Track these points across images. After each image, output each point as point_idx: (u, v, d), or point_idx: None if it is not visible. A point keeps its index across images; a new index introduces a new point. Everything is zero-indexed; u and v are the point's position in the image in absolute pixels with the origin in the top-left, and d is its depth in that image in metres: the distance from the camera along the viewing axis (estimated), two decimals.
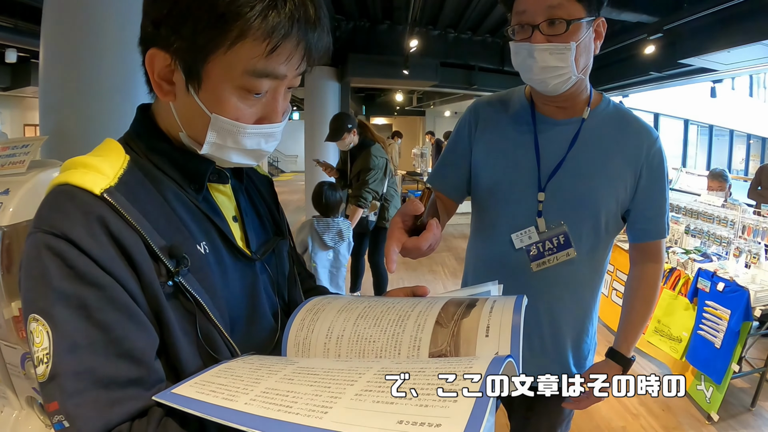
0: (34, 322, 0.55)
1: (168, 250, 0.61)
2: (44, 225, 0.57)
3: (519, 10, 1.09)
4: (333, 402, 0.42)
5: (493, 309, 0.61)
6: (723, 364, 2.82)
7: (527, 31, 1.08)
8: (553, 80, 1.11)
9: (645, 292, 1.30)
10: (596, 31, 1.13)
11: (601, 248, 1.25)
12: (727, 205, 3.48)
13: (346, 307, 0.68)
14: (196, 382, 0.52)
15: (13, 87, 10.06)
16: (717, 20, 4.61)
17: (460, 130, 1.34)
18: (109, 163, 0.63)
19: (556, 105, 1.21)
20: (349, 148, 3.83)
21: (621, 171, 1.19)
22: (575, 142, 1.20)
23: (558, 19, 1.05)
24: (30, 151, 1.22)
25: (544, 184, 1.20)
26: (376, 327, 0.62)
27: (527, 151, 1.22)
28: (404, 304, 0.67)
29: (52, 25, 1.86)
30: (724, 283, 2.92)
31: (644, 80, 6.92)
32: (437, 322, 0.60)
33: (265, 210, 0.88)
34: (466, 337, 0.57)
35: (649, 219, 1.24)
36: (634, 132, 1.22)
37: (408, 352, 0.58)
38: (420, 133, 18.13)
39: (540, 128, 1.23)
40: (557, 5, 1.05)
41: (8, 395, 1.34)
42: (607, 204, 1.19)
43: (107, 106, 1.75)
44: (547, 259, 1.22)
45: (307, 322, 0.66)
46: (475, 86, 8.40)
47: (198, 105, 0.64)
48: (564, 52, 1.07)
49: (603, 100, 1.24)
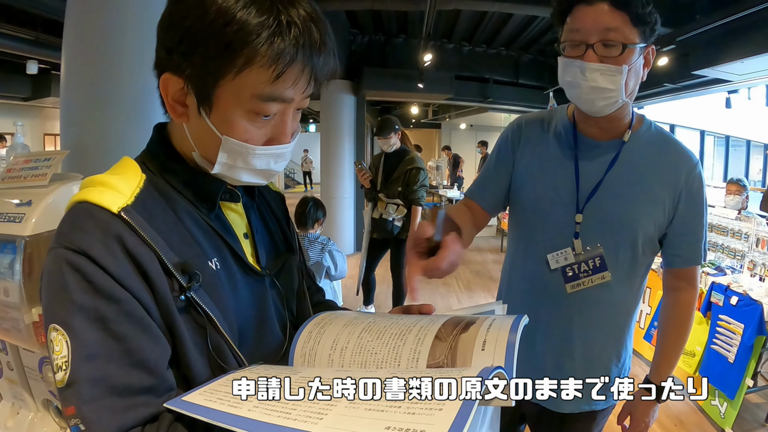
0: (54, 331, 0.58)
1: (181, 266, 0.64)
2: (65, 241, 0.60)
3: (573, 28, 1.09)
4: (329, 409, 0.46)
5: (492, 326, 0.63)
6: (737, 379, 2.78)
7: (580, 48, 1.08)
8: (600, 101, 1.11)
9: (678, 320, 1.28)
10: (645, 58, 1.13)
11: (638, 272, 1.24)
12: (741, 217, 3.45)
13: (352, 321, 0.71)
14: (204, 391, 0.55)
15: (33, 98, 10.27)
16: (729, 31, 4.58)
17: (502, 144, 1.35)
18: (126, 182, 0.66)
19: (598, 126, 1.21)
20: (391, 150, 3.98)
21: (660, 195, 1.18)
22: (614, 164, 1.20)
23: (613, 42, 1.06)
24: (52, 164, 1.26)
25: (582, 206, 1.20)
26: (378, 340, 0.65)
27: (567, 171, 1.22)
28: (407, 320, 0.70)
29: (73, 39, 1.92)
30: (737, 296, 2.89)
31: (659, 92, 6.89)
32: (437, 336, 0.63)
33: (276, 226, 0.90)
34: (463, 350, 0.60)
35: (687, 244, 1.22)
36: (675, 156, 1.21)
37: (407, 364, 0.61)
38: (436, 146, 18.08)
39: (581, 149, 1.23)
40: (614, 28, 1.05)
41: (25, 397, 1.37)
42: (645, 227, 1.19)
43: (127, 122, 1.79)
44: (582, 281, 1.21)
45: (314, 335, 0.69)
46: (489, 99, 8.40)
47: (209, 127, 0.67)
48: (615, 75, 1.07)
49: (644, 123, 1.24)
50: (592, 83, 1.08)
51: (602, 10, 1.05)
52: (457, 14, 6.40)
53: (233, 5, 0.60)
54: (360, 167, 4.12)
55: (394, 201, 3.98)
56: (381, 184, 4.05)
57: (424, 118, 15.60)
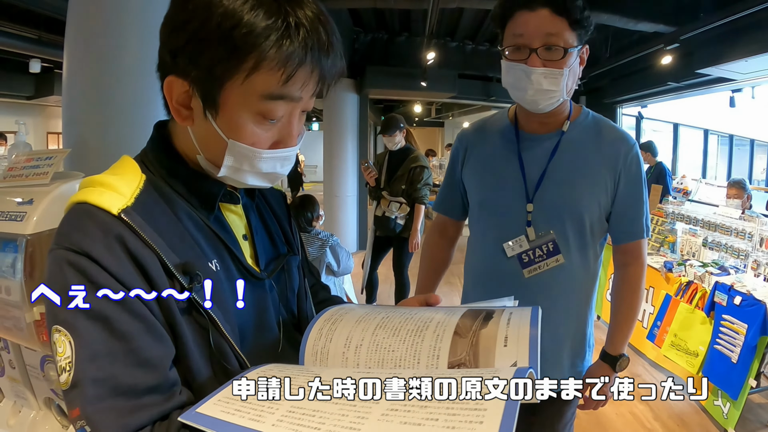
0: (57, 333, 0.58)
1: (182, 267, 0.64)
2: (66, 242, 0.60)
3: (516, 32, 1.17)
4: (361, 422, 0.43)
5: (511, 320, 0.62)
6: (740, 379, 2.77)
7: (524, 52, 1.16)
8: (544, 101, 1.19)
9: (628, 294, 1.37)
10: (581, 57, 1.22)
11: (590, 252, 1.32)
12: (744, 217, 3.44)
13: (364, 317, 0.69)
14: (219, 400, 0.52)
15: (36, 96, 10.28)
16: (733, 29, 4.56)
17: (453, 157, 1.47)
18: (126, 183, 0.66)
19: (539, 121, 1.29)
20: (396, 148, 4.01)
21: (601, 176, 1.27)
22: (555, 153, 1.28)
23: (555, 46, 1.14)
24: (53, 163, 1.26)
25: (532, 195, 1.28)
26: (395, 337, 0.63)
27: (512, 165, 1.31)
28: (422, 314, 0.68)
29: (75, 38, 1.91)
30: (741, 296, 2.88)
31: (662, 90, 6.84)
32: (456, 332, 0.61)
33: (276, 227, 0.89)
34: (485, 346, 0.59)
35: (629, 220, 1.31)
36: (611, 140, 1.30)
37: (427, 362, 0.59)
38: (439, 145, 18.11)
39: (523, 145, 1.31)
40: (555, 33, 1.14)
41: (27, 396, 1.37)
42: (590, 209, 1.27)
43: (128, 121, 1.78)
44: (538, 266, 1.29)
45: (325, 332, 0.67)
46: (493, 98, 8.41)
47: (215, 130, 0.66)
48: (558, 77, 1.16)
49: (582, 113, 1.33)
50: (537, 86, 1.16)
51: (544, 16, 1.13)
52: (460, 12, 6.37)
53: (240, 7, 0.59)
54: (366, 165, 4.14)
55: (398, 199, 3.99)
56: (385, 182, 4.07)
57: (427, 117, 15.63)
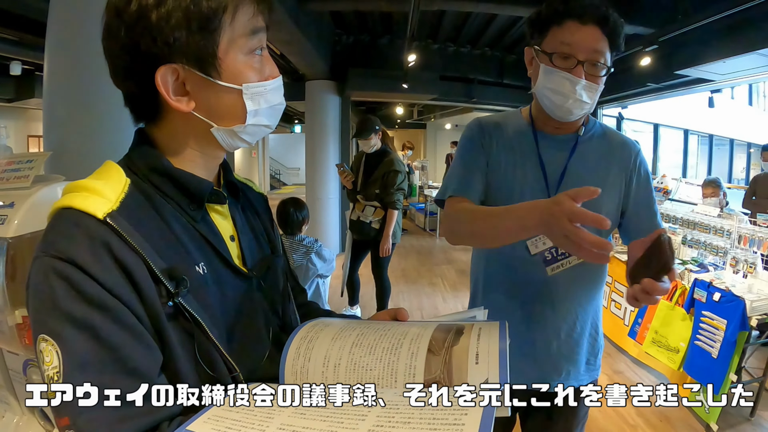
0: (44, 342, 0.57)
1: (168, 272, 0.63)
2: (51, 250, 0.59)
3: (564, 41, 1.17)
4: None
5: (480, 336, 0.65)
6: (721, 374, 2.83)
7: (570, 62, 1.17)
8: (578, 111, 1.22)
9: None
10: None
11: None
12: (723, 215, 3.50)
13: (340, 334, 0.71)
14: (209, 418, 0.53)
15: (17, 99, 10.09)
16: (710, 31, 4.64)
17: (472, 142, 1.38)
18: (111, 187, 0.65)
19: (556, 126, 1.31)
20: (372, 151, 3.94)
21: (615, 179, 1.33)
22: (574, 153, 1.31)
23: (599, 63, 1.17)
24: (34, 166, 1.25)
25: (555, 193, 1.28)
26: (371, 355, 0.65)
27: (532, 163, 1.32)
28: (395, 330, 0.70)
29: (55, 40, 1.89)
30: (720, 293, 2.94)
31: (642, 91, 6.92)
32: (429, 349, 0.64)
33: (261, 228, 0.90)
34: (457, 364, 0.62)
35: (647, 218, 1.35)
36: (621, 145, 1.36)
37: (404, 380, 0.62)
38: (422, 147, 18.14)
39: (541, 143, 1.33)
40: (600, 51, 1.16)
41: (10, 401, 1.36)
42: (608, 207, 1.31)
43: (110, 124, 1.76)
44: (560, 263, 1.30)
45: (303, 351, 0.69)
46: (474, 99, 8.44)
47: (225, 89, 0.69)
48: (595, 92, 1.20)
49: (591, 121, 1.37)
50: (578, 96, 1.18)
51: (592, 32, 1.16)
52: (441, 15, 6.42)
53: None
54: (342, 169, 4.08)
55: (372, 203, 3.94)
56: (361, 185, 4.01)
57: (409, 119, 15.63)
